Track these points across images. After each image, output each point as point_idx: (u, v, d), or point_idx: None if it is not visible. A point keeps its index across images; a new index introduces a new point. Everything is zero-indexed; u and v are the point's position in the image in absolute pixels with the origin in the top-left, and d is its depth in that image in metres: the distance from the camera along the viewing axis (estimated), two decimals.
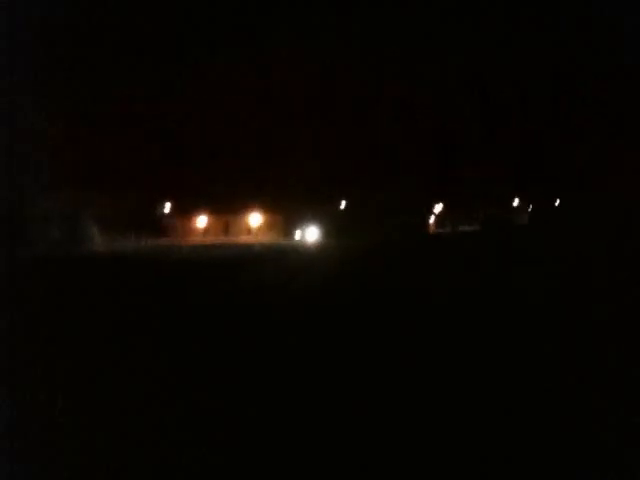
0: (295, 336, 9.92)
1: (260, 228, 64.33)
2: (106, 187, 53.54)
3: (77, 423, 4.98)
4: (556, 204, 77.79)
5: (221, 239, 60.23)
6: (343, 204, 65.18)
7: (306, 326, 10.81)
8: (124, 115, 55.65)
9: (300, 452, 4.81)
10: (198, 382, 6.45)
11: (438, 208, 74.02)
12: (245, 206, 62.64)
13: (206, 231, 65.35)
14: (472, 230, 71.15)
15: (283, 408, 6.53)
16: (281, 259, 29.09)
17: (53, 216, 47.87)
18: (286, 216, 61.88)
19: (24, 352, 6.45)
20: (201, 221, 66.00)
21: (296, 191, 56.67)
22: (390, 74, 62.90)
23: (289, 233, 61.92)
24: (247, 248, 44.08)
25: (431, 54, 65.32)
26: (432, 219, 75.46)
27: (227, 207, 62.44)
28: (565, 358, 6.99)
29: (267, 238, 60.19)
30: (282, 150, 59.45)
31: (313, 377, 8.15)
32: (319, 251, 38.47)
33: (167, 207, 65.02)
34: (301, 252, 37.65)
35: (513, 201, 78.06)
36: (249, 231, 64.43)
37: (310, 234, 60.96)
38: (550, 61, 61.69)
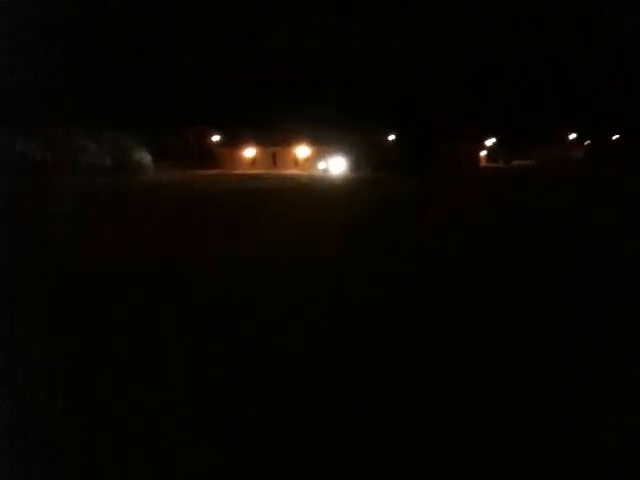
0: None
1: (307, 160, 63.66)
2: (158, 118, 53.63)
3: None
4: (613, 139, 74.87)
5: (269, 171, 59.78)
6: (392, 137, 63.91)
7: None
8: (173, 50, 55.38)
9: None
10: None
11: (490, 142, 72.04)
12: (292, 138, 61.81)
13: (254, 162, 65.28)
14: (526, 165, 69.10)
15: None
16: None
17: (107, 145, 48.07)
18: (333, 148, 60.75)
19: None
20: (249, 152, 65.93)
21: (344, 123, 55.60)
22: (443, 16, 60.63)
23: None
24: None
25: None
26: (483, 153, 73.61)
27: (275, 138, 61.85)
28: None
29: (314, 170, 59.55)
30: (330, 82, 58.36)
31: None
32: None
33: (216, 138, 64.87)
34: None
35: (569, 135, 75.48)
36: (296, 163, 63.94)
37: (336, 166, 59.30)
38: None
